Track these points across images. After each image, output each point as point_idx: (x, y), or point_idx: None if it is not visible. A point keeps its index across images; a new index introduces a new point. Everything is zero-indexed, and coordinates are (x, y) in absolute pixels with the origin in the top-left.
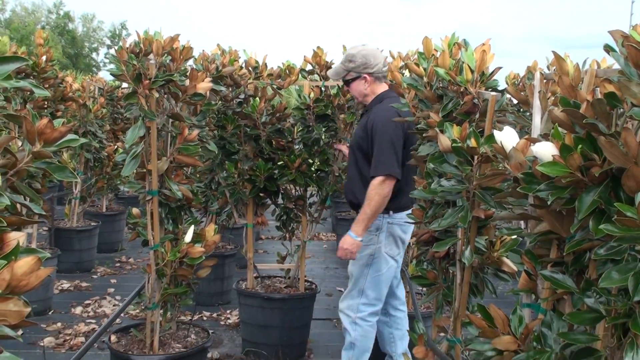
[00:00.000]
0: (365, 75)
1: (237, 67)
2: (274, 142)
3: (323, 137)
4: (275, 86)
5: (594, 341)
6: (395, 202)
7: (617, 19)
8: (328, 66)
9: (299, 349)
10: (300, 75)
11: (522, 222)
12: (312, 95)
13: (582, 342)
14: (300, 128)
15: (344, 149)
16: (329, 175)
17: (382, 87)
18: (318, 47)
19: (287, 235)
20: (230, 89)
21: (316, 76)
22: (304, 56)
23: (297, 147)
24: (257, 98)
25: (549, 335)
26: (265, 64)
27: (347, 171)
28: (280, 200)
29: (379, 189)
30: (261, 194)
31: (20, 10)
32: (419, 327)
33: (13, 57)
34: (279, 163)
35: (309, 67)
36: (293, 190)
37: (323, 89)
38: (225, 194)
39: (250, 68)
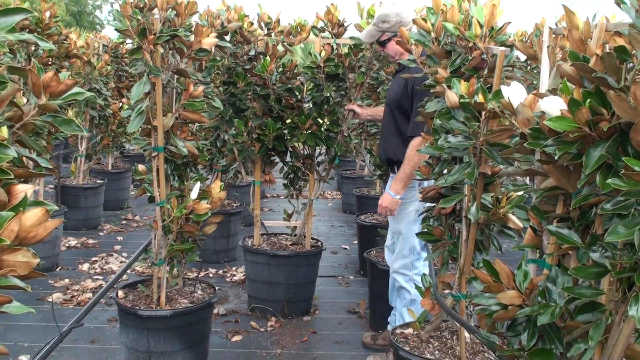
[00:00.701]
0: (395, 35)
1: (247, 23)
2: (283, 101)
3: (332, 96)
4: (286, 43)
5: (598, 295)
6: None
7: None
8: (340, 24)
9: (305, 305)
10: (311, 32)
11: (528, 179)
12: (322, 54)
13: (586, 297)
14: (310, 86)
15: (356, 107)
16: (338, 135)
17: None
18: (332, 4)
19: (295, 194)
20: (239, 45)
21: (327, 34)
22: (316, 13)
23: (305, 105)
24: (267, 57)
25: (554, 290)
26: (279, 20)
27: (383, 129)
28: (288, 159)
29: (414, 152)
30: (270, 152)
31: None
32: (426, 279)
33: (17, 8)
34: (288, 122)
35: (320, 25)
36: (301, 149)
37: (334, 47)
38: (234, 151)
39: (262, 24)
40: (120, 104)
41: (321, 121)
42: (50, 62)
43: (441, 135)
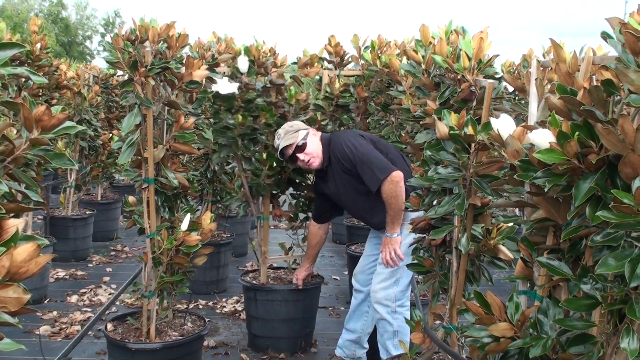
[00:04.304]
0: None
1: (260, 54)
2: None
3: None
4: (301, 76)
5: (590, 327)
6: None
7: (611, 7)
8: (342, 55)
9: (310, 338)
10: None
11: (517, 210)
12: (337, 85)
13: (578, 329)
14: (323, 118)
15: (300, 275)
16: None
17: (317, 136)
18: (332, 36)
19: (300, 225)
20: (254, 77)
21: (328, 65)
22: (325, 45)
23: None
24: (292, 88)
25: (545, 322)
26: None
27: (367, 212)
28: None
29: (390, 191)
30: (288, 185)
31: None
32: (416, 313)
33: (10, 43)
34: None
35: (324, 56)
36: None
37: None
38: (244, 186)
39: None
40: (110, 135)
41: None
42: (40, 94)
43: (431, 167)
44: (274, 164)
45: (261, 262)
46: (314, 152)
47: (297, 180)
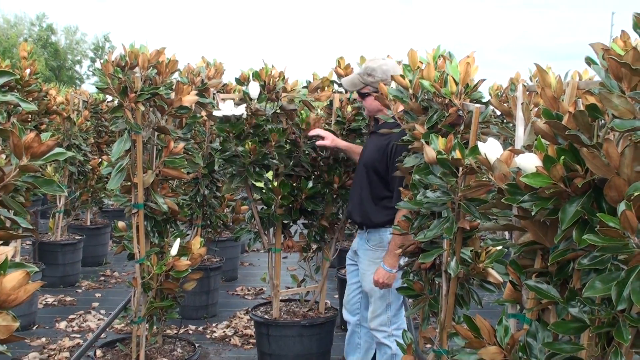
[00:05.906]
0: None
1: (270, 79)
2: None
3: None
4: (311, 100)
5: (578, 350)
6: None
7: (598, 29)
8: None
9: None
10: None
11: (506, 233)
12: (349, 108)
13: (567, 352)
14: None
15: (322, 132)
16: None
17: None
18: (342, 58)
19: (311, 256)
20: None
21: (337, 87)
22: (335, 67)
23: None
24: (302, 112)
25: (534, 345)
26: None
27: (356, 192)
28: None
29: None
30: (300, 215)
31: (2, 23)
32: (407, 336)
33: (2, 71)
34: (312, 182)
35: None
36: (333, 208)
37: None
38: (255, 217)
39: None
40: (100, 160)
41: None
42: (29, 119)
43: (420, 190)
44: (287, 193)
45: (273, 296)
46: (368, 107)
47: (310, 209)
